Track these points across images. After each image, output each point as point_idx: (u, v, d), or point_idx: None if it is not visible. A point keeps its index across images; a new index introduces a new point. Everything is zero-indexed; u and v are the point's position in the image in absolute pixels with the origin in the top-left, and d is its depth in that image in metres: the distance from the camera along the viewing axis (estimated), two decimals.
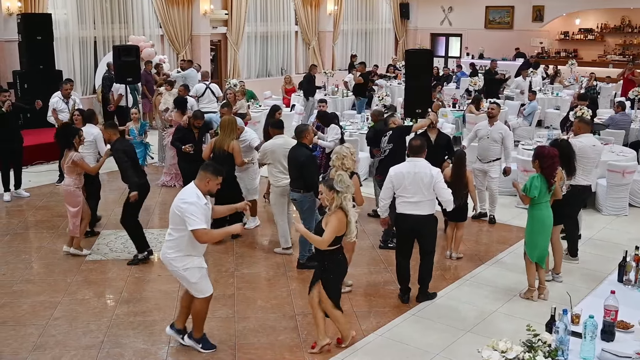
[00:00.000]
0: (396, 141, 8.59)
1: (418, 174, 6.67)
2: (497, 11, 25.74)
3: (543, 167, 6.75)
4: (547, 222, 6.89)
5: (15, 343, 6.10)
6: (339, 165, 6.88)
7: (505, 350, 3.89)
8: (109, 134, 8.17)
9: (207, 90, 13.92)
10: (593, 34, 24.63)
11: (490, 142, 9.47)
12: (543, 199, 6.81)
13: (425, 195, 6.69)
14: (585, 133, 8.19)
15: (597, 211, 10.16)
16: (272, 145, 8.26)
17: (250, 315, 6.70)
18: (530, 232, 6.97)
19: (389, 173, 6.88)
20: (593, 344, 4.20)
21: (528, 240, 7.01)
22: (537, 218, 6.89)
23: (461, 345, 6.12)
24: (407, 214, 6.75)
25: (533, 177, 6.80)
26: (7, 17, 14.81)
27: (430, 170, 6.71)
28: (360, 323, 6.53)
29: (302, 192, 7.64)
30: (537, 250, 6.94)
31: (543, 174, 6.75)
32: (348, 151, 6.98)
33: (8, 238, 8.91)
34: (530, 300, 7.05)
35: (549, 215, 6.89)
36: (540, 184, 6.73)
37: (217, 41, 20.34)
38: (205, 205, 5.65)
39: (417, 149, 6.85)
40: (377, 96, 15.67)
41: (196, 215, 5.49)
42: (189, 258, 5.69)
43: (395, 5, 26.86)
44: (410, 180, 6.69)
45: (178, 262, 5.70)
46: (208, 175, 5.69)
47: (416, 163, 6.78)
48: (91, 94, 16.84)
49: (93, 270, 7.86)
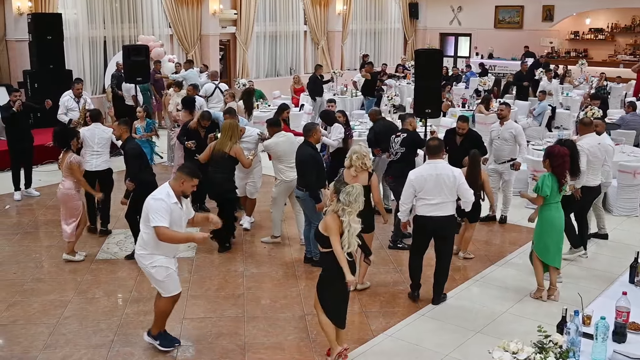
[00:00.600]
0: (408, 146, 8.55)
1: (440, 176, 6.61)
2: (507, 11, 25.64)
3: (554, 165, 6.74)
4: (556, 223, 6.86)
5: (26, 342, 6.13)
6: (359, 165, 6.84)
7: (517, 351, 3.87)
8: (120, 130, 8.14)
9: (217, 90, 13.95)
10: (603, 33, 24.50)
11: (501, 142, 9.46)
12: (554, 200, 6.78)
13: (447, 197, 6.64)
14: (587, 134, 8.18)
15: (607, 212, 10.09)
16: (274, 144, 8.31)
17: (259, 315, 6.70)
18: (540, 233, 6.94)
19: (409, 177, 6.78)
20: (604, 346, 4.17)
21: (537, 241, 6.97)
22: (546, 219, 6.86)
23: (471, 346, 6.10)
24: (427, 216, 6.70)
25: (544, 176, 6.78)
26: (18, 17, 14.89)
27: (452, 171, 6.67)
28: (369, 323, 6.52)
29: (304, 191, 7.66)
30: (549, 251, 6.89)
31: (554, 172, 6.74)
32: (367, 150, 6.99)
33: (19, 237, 8.95)
34: (539, 300, 7.02)
35: (559, 217, 6.86)
36: (552, 183, 6.71)
37: (226, 41, 20.36)
38: (175, 205, 5.62)
39: (436, 149, 6.77)
40: (387, 96, 15.66)
41: (160, 212, 5.49)
42: (155, 256, 5.70)
43: (405, 5, 26.81)
44: (432, 182, 6.62)
45: (146, 260, 5.73)
46: (183, 176, 5.68)
47: (436, 165, 6.70)
48: (101, 93, 16.90)
49: (103, 270, 7.88)
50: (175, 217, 5.61)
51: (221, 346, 6.07)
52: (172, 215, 5.58)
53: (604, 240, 8.90)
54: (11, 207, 10.31)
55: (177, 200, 5.66)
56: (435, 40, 27.52)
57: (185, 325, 6.47)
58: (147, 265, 5.74)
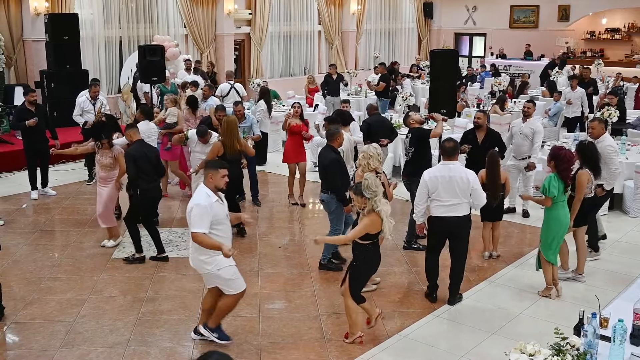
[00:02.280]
0: (416, 144, 8.54)
1: (453, 178, 6.59)
2: (522, 10, 25.51)
3: (559, 169, 6.76)
4: (564, 220, 6.91)
5: (44, 340, 6.18)
6: (364, 164, 6.88)
7: (534, 353, 3.87)
8: (129, 134, 8.20)
9: (232, 90, 14.00)
10: (620, 33, 24.31)
11: (523, 137, 9.56)
12: (560, 199, 6.82)
13: (460, 199, 6.63)
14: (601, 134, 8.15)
15: (624, 213, 10.04)
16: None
17: (274, 315, 6.72)
18: (547, 231, 6.95)
19: (423, 177, 6.80)
20: (622, 349, 4.15)
21: (544, 240, 6.99)
22: (554, 217, 6.89)
23: (487, 347, 6.08)
24: (442, 217, 6.70)
25: (550, 177, 6.82)
26: (35, 17, 15.02)
27: (465, 174, 6.64)
28: (384, 324, 6.52)
29: (329, 194, 7.66)
30: (551, 250, 6.94)
31: (560, 175, 6.74)
32: (375, 151, 6.98)
33: (36, 235, 9.03)
34: (548, 298, 7.04)
35: (565, 214, 6.90)
36: (558, 184, 6.74)
37: (241, 41, 20.41)
38: (216, 203, 5.71)
39: (450, 151, 6.75)
40: (401, 96, 15.63)
41: (198, 218, 5.59)
42: (217, 258, 5.72)
43: (419, 4, 26.76)
44: (444, 184, 6.62)
45: (209, 265, 5.75)
46: (209, 171, 5.78)
47: (450, 167, 6.68)
48: (116, 93, 16.99)
49: (119, 269, 7.93)
50: (219, 214, 5.71)
51: (236, 345, 6.09)
52: (216, 213, 5.67)
53: (617, 242, 8.86)
54: (28, 206, 10.40)
55: (217, 197, 5.74)
56: (450, 40, 27.44)
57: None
58: (211, 269, 5.77)
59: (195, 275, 7.66)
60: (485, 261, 8.19)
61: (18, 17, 15.16)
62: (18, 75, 15.36)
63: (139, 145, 8.06)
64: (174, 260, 8.17)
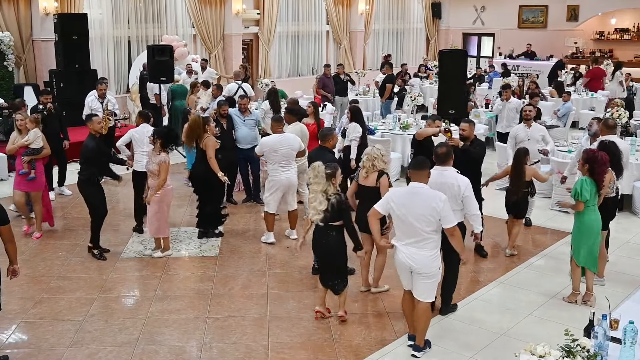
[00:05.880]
0: (416, 146, 8.68)
1: (444, 184, 6.34)
2: (531, 10, 25.42)
3: (596, 172, 6.64)
4: (594, 226, 6.77)
5: (53, 339, 6.21)
6: (369, 166, 6.87)
7: (544, 354, 3.86)
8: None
9: (239, 90, 13.99)
10: (629, 33, 24.18)
11: (533, 143, 9.48)
12: (591, 203, 6.71)
13: (452, 205, 6.51)
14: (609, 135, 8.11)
15: (633, 214, 10.00)
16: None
17: (282, 315, 6.73)
18: (578, 236, 6.85)
19: None
20: (633, 350, 4.14)
21: (575, 245, 6.89)
22: (585, 222, 6.77)
23: (495, 348, 6.07)
24: None
25: (582, 180, 6.68)
26: (44, 17, 15.08)
27: (457, 180, 6.39)
28: (393, 324, 6.52)
29: None
30: (581, 254, 6.82)
31: (594, 178, 6.66)
32: (379, 152, 6.96)
33: (45, 234, 9.05)
34: (573, 304, 6.95)
35: (596, 219, 6.77)
36: (590, 187, 6.63)
37: (249, 41, 20.44)
38: None
39: (443, 157, 6.51)
40: (410, 96, 15.62)
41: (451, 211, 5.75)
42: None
43: (427, 4, 26.72)
44: (436, 189, 6.50)
45: (438, 260, 5.80)
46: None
47: (442, 172, 6.44)
48: (125, 92, 17.05)
49: (128, 268, 7.96)
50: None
51: (245, 345, 6.11)
52: None
53: (627, 243, 8.82)
54: None
55: None
56: (458, 40, 27.38)
57: (210, 324, 6.51)
58: (437, 266, 5.79)
59: (203, 275, 7.71)
60: (494, 262, 8.16)
61: (27, 17, 15.22)
62: (27, 75, 15.41)
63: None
64: (182, 260, 8.19)
